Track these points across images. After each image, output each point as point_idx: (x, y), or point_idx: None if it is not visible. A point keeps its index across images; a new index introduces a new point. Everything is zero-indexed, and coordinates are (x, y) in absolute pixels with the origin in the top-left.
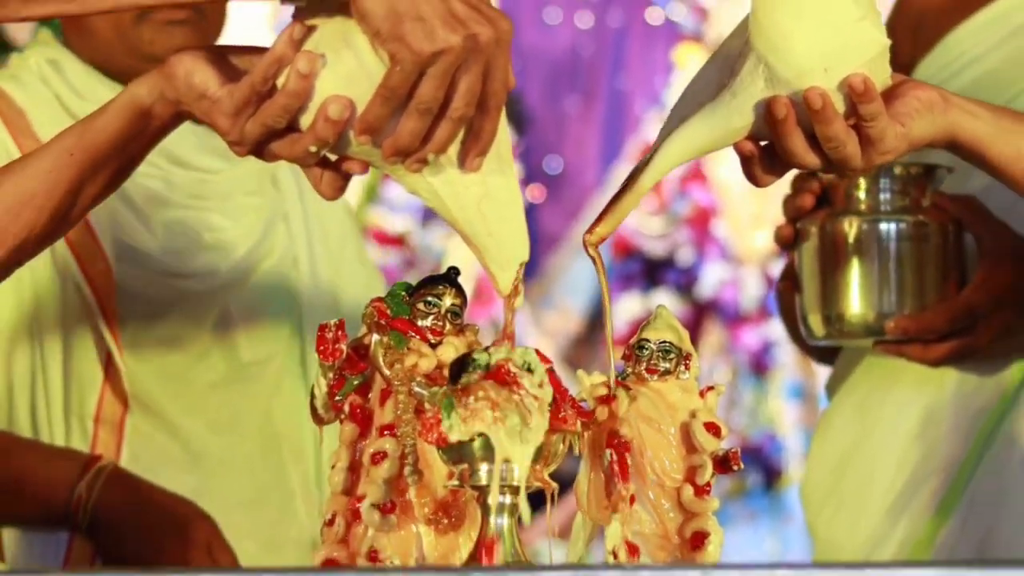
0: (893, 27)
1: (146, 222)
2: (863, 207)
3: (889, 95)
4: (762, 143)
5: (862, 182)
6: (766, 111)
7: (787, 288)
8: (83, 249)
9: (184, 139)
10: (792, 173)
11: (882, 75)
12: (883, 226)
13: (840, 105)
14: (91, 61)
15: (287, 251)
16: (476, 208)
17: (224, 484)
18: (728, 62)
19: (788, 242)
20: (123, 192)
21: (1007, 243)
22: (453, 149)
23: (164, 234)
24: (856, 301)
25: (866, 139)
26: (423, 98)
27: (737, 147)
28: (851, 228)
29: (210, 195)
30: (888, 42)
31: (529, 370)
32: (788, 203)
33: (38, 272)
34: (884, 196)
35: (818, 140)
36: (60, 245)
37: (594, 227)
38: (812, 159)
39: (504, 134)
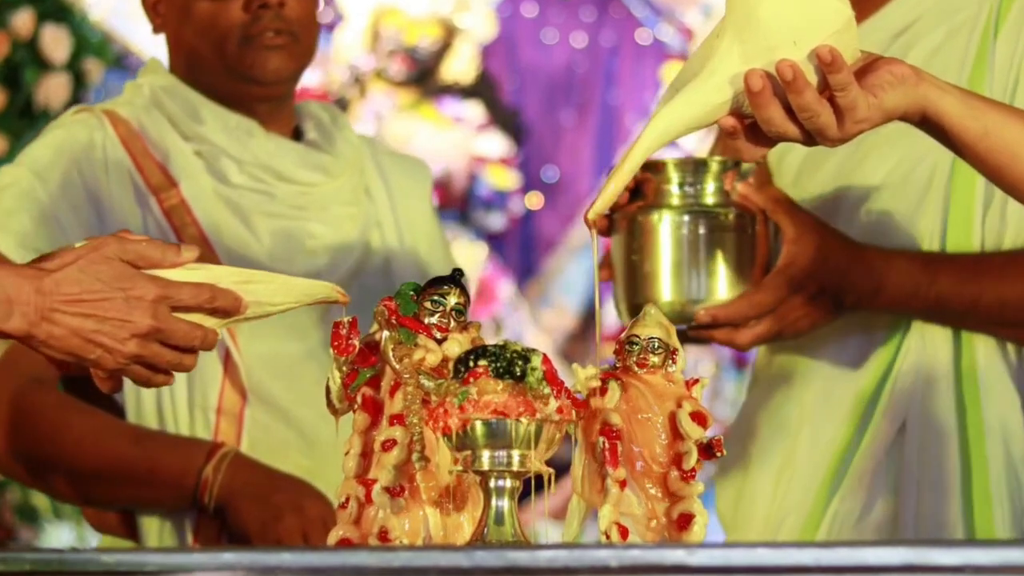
0: None
1: (254, 232)
2: (673, 200)
3: (863, 69)
4: (746, 121)
5: (672, 176)
6: (744, 85)
7: (607, 277)
8: (201, 259)
9: (286, 156)
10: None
11: (850, 46)
12: (690, 217)
13: (812, 77)
14: (197, 86)
15: (381, 254)
16: None
17: (335, 466)
18: (707, 49)
19: (603, 233)
20: (232, 204)
21: (809, 231)
22: None
23: (270, 242)
24: (666, 289)
25: (839, 109)
26: None
27: (720, 123)
28: (660, 220)
29: (310, 206)
30: (852, 13)
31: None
32: None
33: None
34: (691, 189)
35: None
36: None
37: (592, 204)
38: (791, 129)
39: None
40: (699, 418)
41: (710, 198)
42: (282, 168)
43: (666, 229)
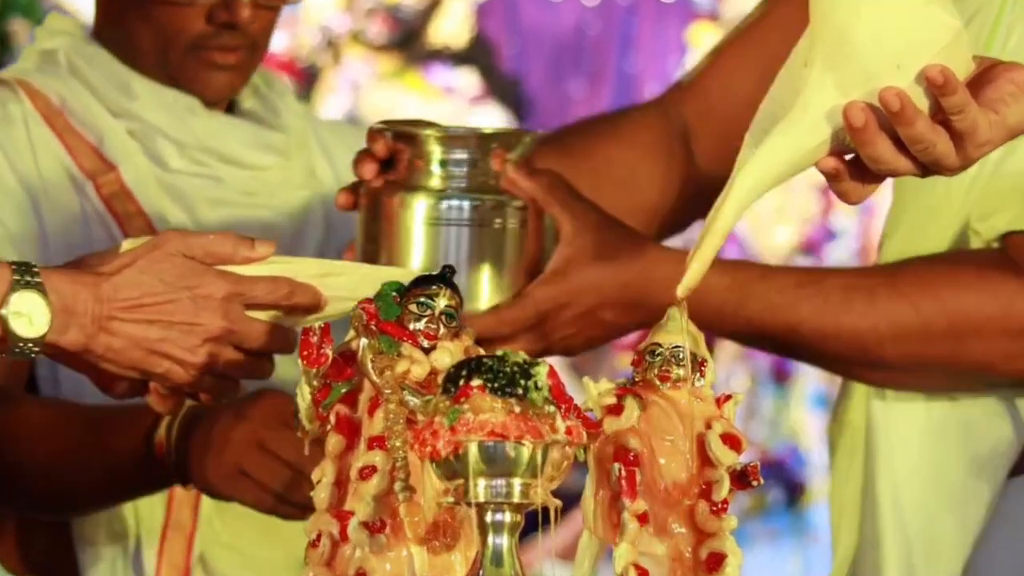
0: None
1: (200, 222)
2: (429, 181)
3: (978, 81)
4: (847, 156)
5: (431, 149)
6: (843, 120)
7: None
8: None
9: (232, 135)
10: None
11: (962, 61)
12: (447, 204)
13: (922, 102)
14: (129, 65)
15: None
16: None
17: None
18: (792, 80)
19: (345, 208)
20: (174, 191)
21: (590, 230)
22: None
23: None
24: None
25: (956, 134)
26: None
27: (820, 167)
28: (408, 204)
29: (260, 191)
30: (960, 25)
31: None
32: (354, 164)
33: None
34: (455, 169)
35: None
36: None
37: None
38: (903, 163)
39: None
40: (732, 441)
41: (471, 181)
42: (228, 150)
43: (414, 216)
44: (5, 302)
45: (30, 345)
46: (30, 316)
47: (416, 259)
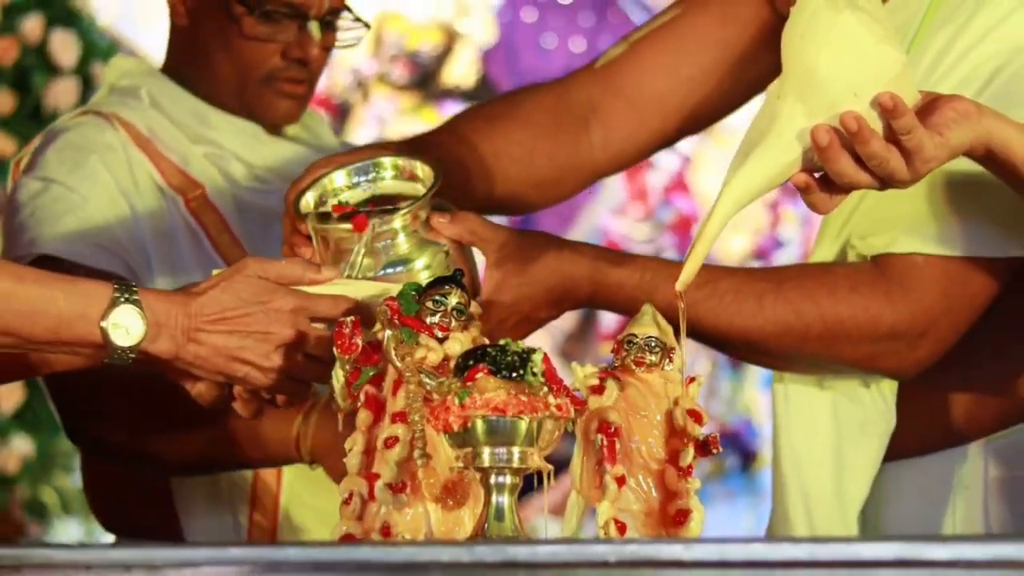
0: None
1: (268, 234)
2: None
3: (925, 110)
4: (816, 174)
5: (359, 235)
6: (811, 141)
7: None
8: (234, 257)
9: (292, 158)
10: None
11: (908, 90)
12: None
13: (877, 125)
14: (205, 97)
15: None
16: None
17: None
18: (769, 110)
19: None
20: (244, 207)
21: (511, 250)
22: None
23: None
24: None
25: (906, 152)
26: None
27: (794, 181)
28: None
29: None
30: (905, 59)
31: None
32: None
33: None
34: (380, 245)
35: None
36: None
37: (680, 276)
38: (863, 177)
39: None
40: (695, 416)
41: (401, 252)
42: (288, 169)
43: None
44: (106, 315)
45: (126, 352)
46: (127, 328)
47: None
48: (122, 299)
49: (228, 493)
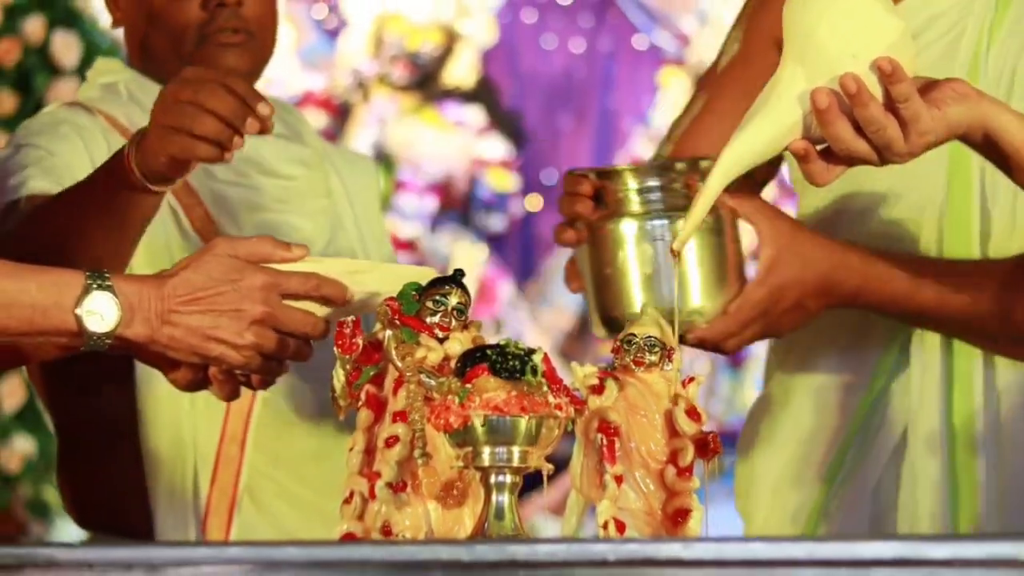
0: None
1: (241, 227)
2: (634, 207)
3: (926, 87)
4: (818, 147)
5: (630, 181)
6: (811, 104)
7: (577, 289)
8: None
9: (266, 149)
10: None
11: (907, 56)
12: (654, 224)
13: (876, 90)
14: (159, 80)
15: (347, 253)
16: None
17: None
18: (772, 78)
19: (570, 243)
20: (220, 199)
21: (786, 233)
22: None
23: (256, 235)
24: (639, 299)
25: (903, 121)
26: None
27: (792, 147)
28: (624, 229)
29: (291, 199)
30: (906, 26)
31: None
32: (564, 205)
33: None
34: (653, 196)
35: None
36: (178, 250)
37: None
38: (860, 146)
39: None
40: (695, 415)
41: (674, 201)
42: (264, 162)
43: (631, 237)
44: (80, 303)
45: (103, 338)
46: (101, 314)
47: (635, 273)
48: (95, 286)
49: (193, 465)
